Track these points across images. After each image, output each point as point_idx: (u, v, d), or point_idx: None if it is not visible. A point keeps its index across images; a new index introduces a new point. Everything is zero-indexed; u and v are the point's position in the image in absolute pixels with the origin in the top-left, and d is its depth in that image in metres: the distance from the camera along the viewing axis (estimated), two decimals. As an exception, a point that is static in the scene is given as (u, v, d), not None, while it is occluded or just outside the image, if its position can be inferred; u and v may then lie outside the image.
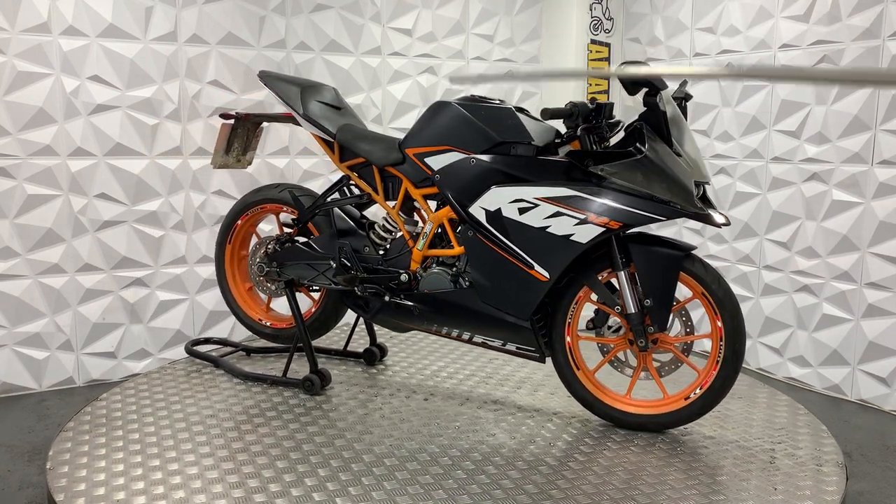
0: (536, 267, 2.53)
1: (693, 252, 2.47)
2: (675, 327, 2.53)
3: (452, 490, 2.18)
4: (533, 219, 2.51)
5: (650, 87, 2.40)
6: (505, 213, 2.55)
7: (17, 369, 3.56)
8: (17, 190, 3.47)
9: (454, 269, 2.70)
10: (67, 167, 3.56)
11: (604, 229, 2.41)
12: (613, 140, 2.59)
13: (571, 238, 2.46)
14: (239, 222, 3.27)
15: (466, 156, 2.59)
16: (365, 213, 3.12)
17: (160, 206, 3.79)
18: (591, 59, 4.54)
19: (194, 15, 3.76)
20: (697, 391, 2.50)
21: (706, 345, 2.78)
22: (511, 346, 2.71)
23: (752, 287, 4.00)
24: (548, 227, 2.49)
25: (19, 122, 3.44)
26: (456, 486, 2.20)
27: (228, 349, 3.46)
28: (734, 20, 3.97)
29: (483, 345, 2.75)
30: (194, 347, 3.40)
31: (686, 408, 2.53)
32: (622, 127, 2.57)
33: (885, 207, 3.38)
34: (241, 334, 4.05)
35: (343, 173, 3.00)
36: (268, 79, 3.07)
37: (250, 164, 3.32)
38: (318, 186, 4.18)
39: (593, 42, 4.55)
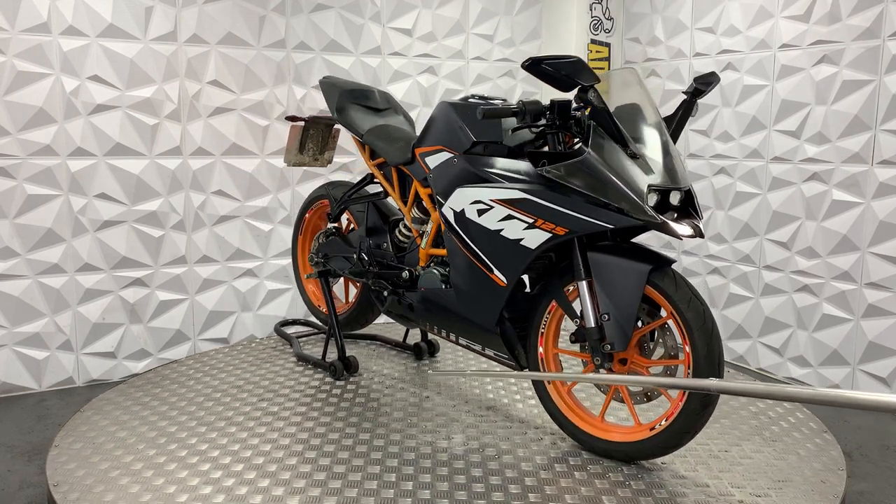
0: (495, 271, 2.43)
1: (668, 266, 2.21)
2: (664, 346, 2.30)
3: (353, 480, 2.25)
4: (489, 221, 2.41)
5: (580, 83, 2.19)
6: (467, 214, 2.48)
7: (17, 369, 3.56)
8: (17, 190, 3.47)
9: (448, 268, 2.71)
10: (67, 167, 3.56)
11: (550, 235, 2.26)
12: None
13: (521, 243, 2.33)
14: (307, 216, 3.61)
15: (452, 155, 2.59)
16: None
17: (160, 206, 3.78)
18: (592, 59, 4.54)
19: (194, 15, 3.76)
20: (663, 422, 2.24)
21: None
22: (490, 352, 2.63)
23: (752, 287, 3.99)
24: (501, 230, 2.38)
25: (19, 122, 3.44)
26: (359, 477, 2.27)
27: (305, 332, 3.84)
28: (734, 20, 3.96)
29: (468, 348, 2.73)
30: (282, 328, 3.86)
31: (650, 440, 2.26)
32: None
33: (885, 207, 3.37)
34: (241, 333, 4.06)
35: (371, 172, 3.19)
36: (323, 84, 3.30)
37: (330, 162, 3.57)
38: (317, 186, 4.18)
39: (593, 42, 4.55)
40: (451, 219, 2.55)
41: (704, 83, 2.43)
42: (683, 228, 2.13)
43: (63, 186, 3.57)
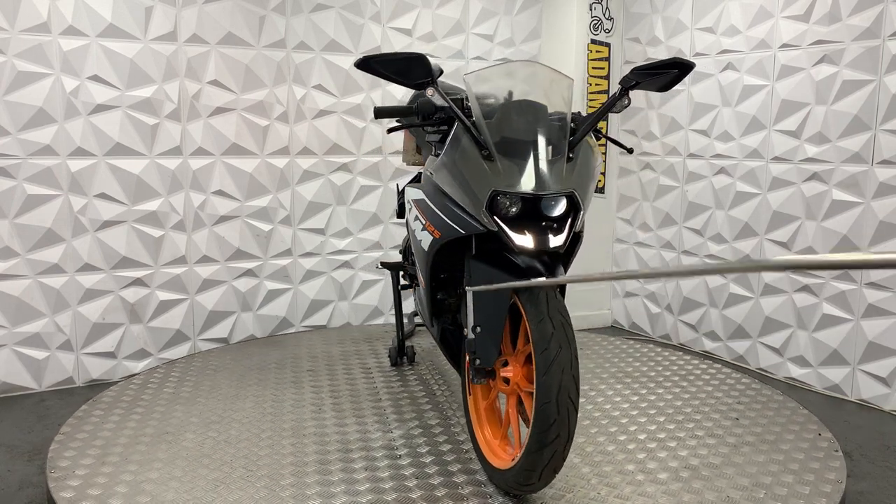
0: (419, 272, 2.39)
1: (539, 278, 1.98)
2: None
3: (260, 452, 2.36)
4: (412, 220, 2.40)
5: (411, 81, 2.06)
6: (407, 212, 2.52)
7: (17, 369, 3.56)
8: (17, 190, 3.47)
9: None
10: (67, 167, 3.56)
11: (433, 238, 2.15)
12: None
13: (422, 244, 2.26)
14: None
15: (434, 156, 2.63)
16: None
17: (160, 205, 3.78)
18: (592, 59, 4.54)
19: (194, 15, 3.75)
20: (518, 454, 1.98)
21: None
22: (444, 353, 2.57)
23: (752, 287, 3.99)
24: (415, 230, 2.34)
25: (19, 122, 3.44)
26: (265, 452, 2.38)
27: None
28: (734, 20, 3.96)
29: None
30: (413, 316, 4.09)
31: (508, 471, 2.01)
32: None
33: (885, 207, 3.37)
34: (241, 333, 4.06)
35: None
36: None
37: None
38: (317, 186, 4.18)
39: (593, 42, 4.54)
40: (408, 217, 2.59)
41: (650, 71, 2.09)
42: (521, 238, 1.90)
43: (63, 186, 3.56)
